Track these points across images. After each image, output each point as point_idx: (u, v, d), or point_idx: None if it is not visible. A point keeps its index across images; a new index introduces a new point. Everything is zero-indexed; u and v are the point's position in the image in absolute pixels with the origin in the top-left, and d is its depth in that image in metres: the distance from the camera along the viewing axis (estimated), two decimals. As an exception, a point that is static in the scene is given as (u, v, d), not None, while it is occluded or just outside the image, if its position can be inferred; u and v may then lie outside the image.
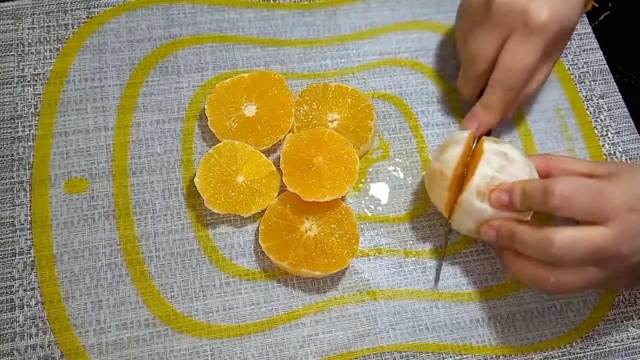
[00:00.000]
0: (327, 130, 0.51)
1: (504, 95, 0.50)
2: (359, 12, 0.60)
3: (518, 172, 0.45)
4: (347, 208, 0.49)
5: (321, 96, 0.54)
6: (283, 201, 0.49)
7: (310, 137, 0.50)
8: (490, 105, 0.51)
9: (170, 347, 0.46)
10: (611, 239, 0.40)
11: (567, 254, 0.40)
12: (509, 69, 0.49)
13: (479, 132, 0.51)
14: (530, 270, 0.43)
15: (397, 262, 0.50)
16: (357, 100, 0.53)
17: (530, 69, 0.49)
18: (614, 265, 0.42)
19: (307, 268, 0.46)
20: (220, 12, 0.59)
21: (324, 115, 0.53)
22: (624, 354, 0.48)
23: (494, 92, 0.50)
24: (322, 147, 0.50)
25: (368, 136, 0.52)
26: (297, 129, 0.52)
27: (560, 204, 0.41)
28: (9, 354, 0.44)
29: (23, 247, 0.48)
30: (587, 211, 0.41)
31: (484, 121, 0.51)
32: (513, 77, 0.49)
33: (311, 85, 0.54)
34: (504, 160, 0.45)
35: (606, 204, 0.41)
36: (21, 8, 0.56)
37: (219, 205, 0.48)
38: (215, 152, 0.50)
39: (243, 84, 0.53)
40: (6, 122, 0.52)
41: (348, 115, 0.53)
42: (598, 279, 0.42)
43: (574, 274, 0.42)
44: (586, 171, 0.45)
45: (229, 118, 0.52)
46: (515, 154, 0.46)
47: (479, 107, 0.52)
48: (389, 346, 0.47)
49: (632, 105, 0.58)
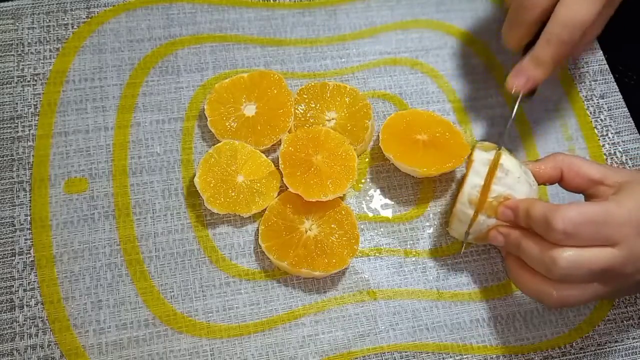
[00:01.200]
0: (323, 129, 0.51)
1: (559, 49, 0.46)
2: (359, 12, 0.60)
3: (514, 184, 0.44)
4: (347, 208, 0.49)
5: (319, 95, 0.54)
6: (283, 201, 0.49)
7: (307, 137, 0.50)
8: (542, 59, 0.47)
9: (170, 347, 0.46)
10: (618, 260, 0.40)
11: (572, 274, 0.40)
12: (567, 21, 0.45)
13: (527, 87, 0.48)
14: (534, 283, 0.43)
15: (397, 262, 0.50)
16: (355, 99, 0.53)
17: (587, 24, 0.45)
18: (618, 281, 0.41)
19: (307, 268, 0.46)
20: (220, 12, 0.59)
21: (322, 114, 0.53)
22: (624, 354, 0.48)
23: (548, 45, 0.46)
24: (320, 146, 0.50)
25: (365, 135, 0.52)
26: (294, 127, 0.52)
27: (563, 239, 0.40)
28: (9, 354, 0.44)
29: (23, 247, 0.48)
30: (593, 240, 0.40)
31: (533, 76, 0.48)
32: (570, 31, 0.45)
33: (309, 84, 0.54)
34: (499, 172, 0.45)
35: (612, 229, 0.40)
36: (21, 8, 0.56)
37: (218, 205, 0.48)
38: (215, 152, 0.50)
39: (242, 83, 0.53)
40: (6, 122, 0.52)
41: (346, 115, 0.53)
42: (601, 293, 0.42)
43: (577, 289, 0.41)
44: (598, 177, 0.44)
45: (229, 118, 0.52)
46: (510, 164, 0.45)
47: (529, 61, 0.48)
48: (389, 346, 0.47)
49: (632, 105, 0.58)
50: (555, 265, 0.40)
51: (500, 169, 0.45)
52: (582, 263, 0.39)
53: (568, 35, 0.46)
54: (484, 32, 0.60)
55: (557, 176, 0.46)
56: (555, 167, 0.46)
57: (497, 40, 0.60)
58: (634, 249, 0.40)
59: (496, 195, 0.44)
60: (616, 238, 0.40)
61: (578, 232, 0.39)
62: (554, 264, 0.40)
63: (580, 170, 0.45)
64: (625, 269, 0.40)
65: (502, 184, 0.44)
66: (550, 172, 0.46)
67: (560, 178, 0.46)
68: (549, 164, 0.46)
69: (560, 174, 0.46)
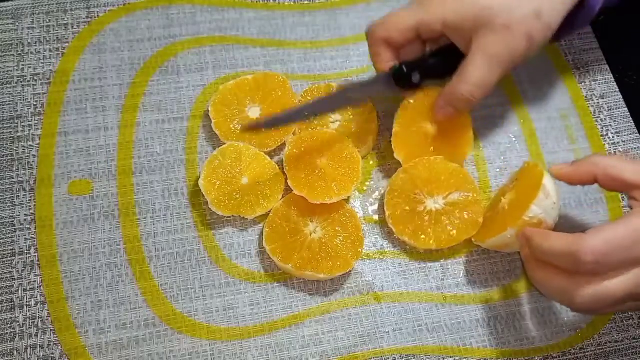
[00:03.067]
0: (327, 132, 0.51)
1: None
2: (359, 13, 0.60)
3: (549, 210, 0.44)
4: (351, 210, 0.49)
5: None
6: (287, 203, 0.49)
7: (312, 139, 0.50)
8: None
9: (171, 347, 0.46)
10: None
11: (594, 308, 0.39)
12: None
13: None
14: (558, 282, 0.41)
15: (402, 264, 0.50)
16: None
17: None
18: None
19: (311, 271, 0.46)
20: (220, 13, 0.59)
21: (326, 116, 0.53)
22: (624, 354, 0.48)
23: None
24: (324, 149, 0.50)
25: (370, 138, 0.52)
26: (298, 130, 0.52)
27: (595, 269, 0.38)
28: (8, 354, 0.44)
29: (23, 247, 0.48)
30: (624, 264, 0.38)
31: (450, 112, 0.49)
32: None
33: (313, 85, 0.54)
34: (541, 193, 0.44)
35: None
36: (21, 8, 0.56)
37: (223, 207, 0.48)
38: (219, 154, 0.50)
39: (247, 85, 0.53)
40: (6, 122, 0.52)
41: (350, 117, 0.53)
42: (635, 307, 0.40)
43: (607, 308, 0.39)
44: (634, 181, 0.42)
45: (233, 120, 0.52)
46: (551, 188, 0.44)
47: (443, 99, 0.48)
48: (390, 349, 0.47)
49: (632, 105, 0.58)
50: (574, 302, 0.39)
51: (542, 190, 0.44)
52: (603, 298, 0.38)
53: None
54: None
55: (590, 181, 0.44)
56: (589, 173, 0.44)
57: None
58: None
59: (532, 216, 0.44)
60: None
61: (609, 261, 0.38)
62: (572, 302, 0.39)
63: (614, 174, 0.42)
64: None
65: (540, 206, 0.44)
66: (584, 177, 0.44)
67: (594, 182, 0.44)
68: (583, 168, 0.44)
69: (593, 179, 0.44)
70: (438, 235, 0.48)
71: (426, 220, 0.49)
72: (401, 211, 0.49)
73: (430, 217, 0.49)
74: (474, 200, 0.49)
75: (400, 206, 0.49)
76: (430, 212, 0.49)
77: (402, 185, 0.50)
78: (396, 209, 0.49)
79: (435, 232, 0.48)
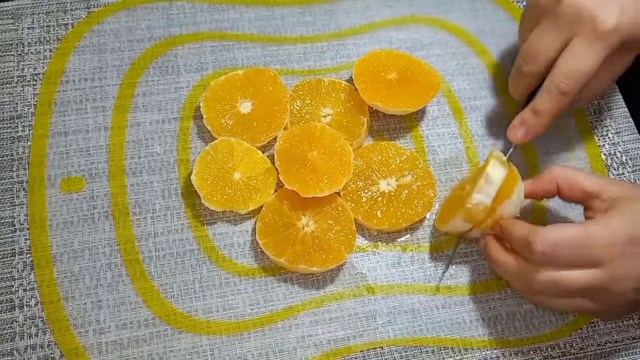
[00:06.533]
0: (318, 125, 0.51)
1: (558, 100, 0.47)
2: (359, 12, 0.60)
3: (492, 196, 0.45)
4: (344, 204, 0.49)
5: (314, 91, 0.54)
6: (280, 198, 0.49)
7: (303, 133, 0.50)
8: (543, 110, 0.48)
9: (170, 346, 0.46)
10: (598, 280, 0.41)
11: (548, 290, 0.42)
12: (567, 72, 0.46)
13: (527, 139, 0.49)
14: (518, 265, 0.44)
15: (395, 256, 0.50)
16: (351, 95, 0.53)
17: (589, 75, 0.46)
18: (606, 299, 0.42)
19: (304, 264, 0.46)
20: (220, 12, 0.59)
21: (317, 110, 0.53)
22: (624, 354, 0.48)
23: (548, 96, 0.47)
24: (315, 142, 0.50)
25: (361, 131, 0.52)
26: (290, 124, 0.52)
27: (543, 261, 0.41)
28: (8, 354, 0.44)
29: (23, 247, 0.48)
30: (573, 262, 0.41)
31: (533, 128, 0.49)
32: (571, 82, 0.46)
33: (304, 80, 0.54)
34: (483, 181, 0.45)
35: (594, 251, 0.40)
36: (21, 8, 0.56)
37: (215, 202, 0.48)
38: (211, 149, 0.50)
39: (238, 80, 0.53)
40: (6, 122, 0.52)
41: (341, 110, 0.53)
42: (589, 308, 0.43)
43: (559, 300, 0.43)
44: (593, 191, 0.44)
45: (225, 115, 0.52)
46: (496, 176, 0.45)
47: (529, 113, 0.49)
48: (387, 341, 0.47)
49: (632, 105, 0.58)
50: (532, 284, 0.42)
51: (485, 178, 0.45)
52: (557, 282, 0.41)
53: (568, 86, 0.46)
54: (483, 31, 0.60)
55: (553, 190, 0.46)
56: (551, 181, 0.46)
57: (496, 40, 0.60)
58: (617, 269, 0.40)
59: (476, 202, 0.45)
60: (599, 259, 0.40)
61: (557, 255, 0.41)
62: (529, 285, 0.43)
63: (575, 183, 0.45)
64: (611, 288, 0.41)
65: (482, 193, 0.45)
66: (547, 187, 0.46)
67: (557, 191, 0.46)
68: (544, 179, 0.46)
69: (556, 187, 0.46)
70: (389, 216, 0.49)
71: (379, 202, 0.50)
72: (356, 191, 0.50)
73: (383, 198, 0.50)
74: (428, 182, 0.51)
75: (357, 186, 0.50)
76: (383, 193, 0.50)
77: (357, 167, 0.51)
78: (352, 189, 0.50)
79: (386, 212, 0.49)
